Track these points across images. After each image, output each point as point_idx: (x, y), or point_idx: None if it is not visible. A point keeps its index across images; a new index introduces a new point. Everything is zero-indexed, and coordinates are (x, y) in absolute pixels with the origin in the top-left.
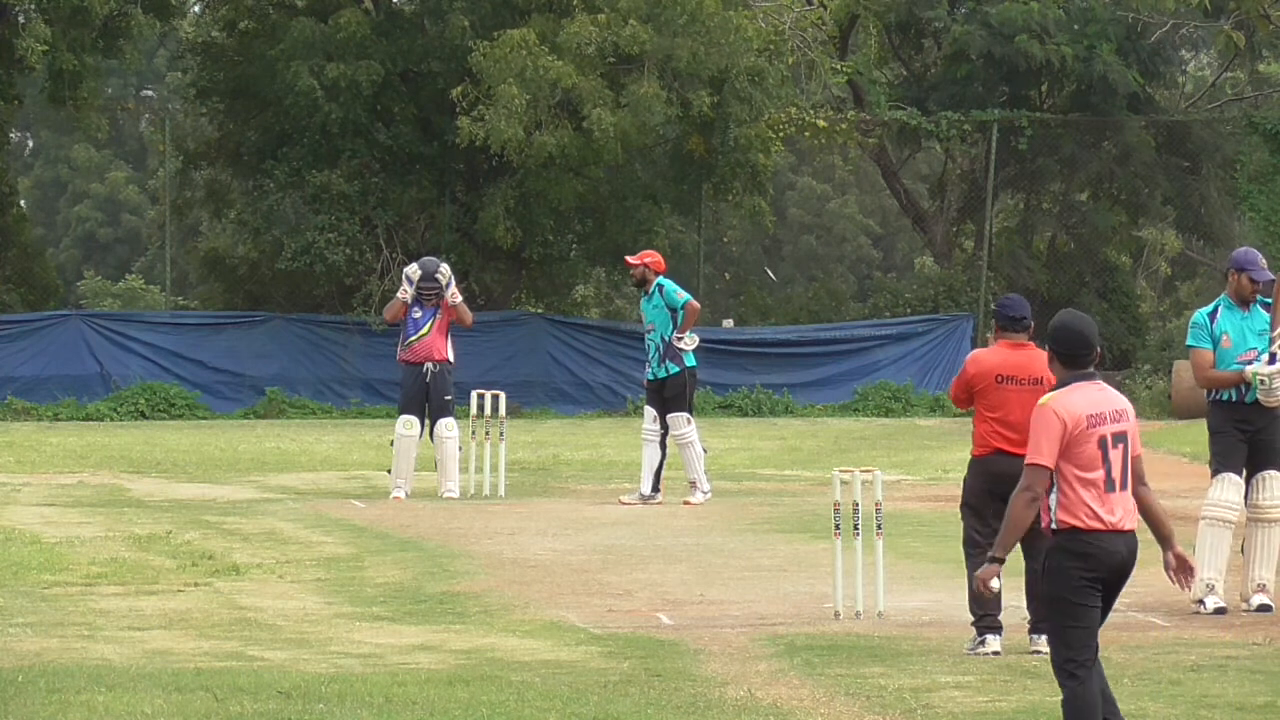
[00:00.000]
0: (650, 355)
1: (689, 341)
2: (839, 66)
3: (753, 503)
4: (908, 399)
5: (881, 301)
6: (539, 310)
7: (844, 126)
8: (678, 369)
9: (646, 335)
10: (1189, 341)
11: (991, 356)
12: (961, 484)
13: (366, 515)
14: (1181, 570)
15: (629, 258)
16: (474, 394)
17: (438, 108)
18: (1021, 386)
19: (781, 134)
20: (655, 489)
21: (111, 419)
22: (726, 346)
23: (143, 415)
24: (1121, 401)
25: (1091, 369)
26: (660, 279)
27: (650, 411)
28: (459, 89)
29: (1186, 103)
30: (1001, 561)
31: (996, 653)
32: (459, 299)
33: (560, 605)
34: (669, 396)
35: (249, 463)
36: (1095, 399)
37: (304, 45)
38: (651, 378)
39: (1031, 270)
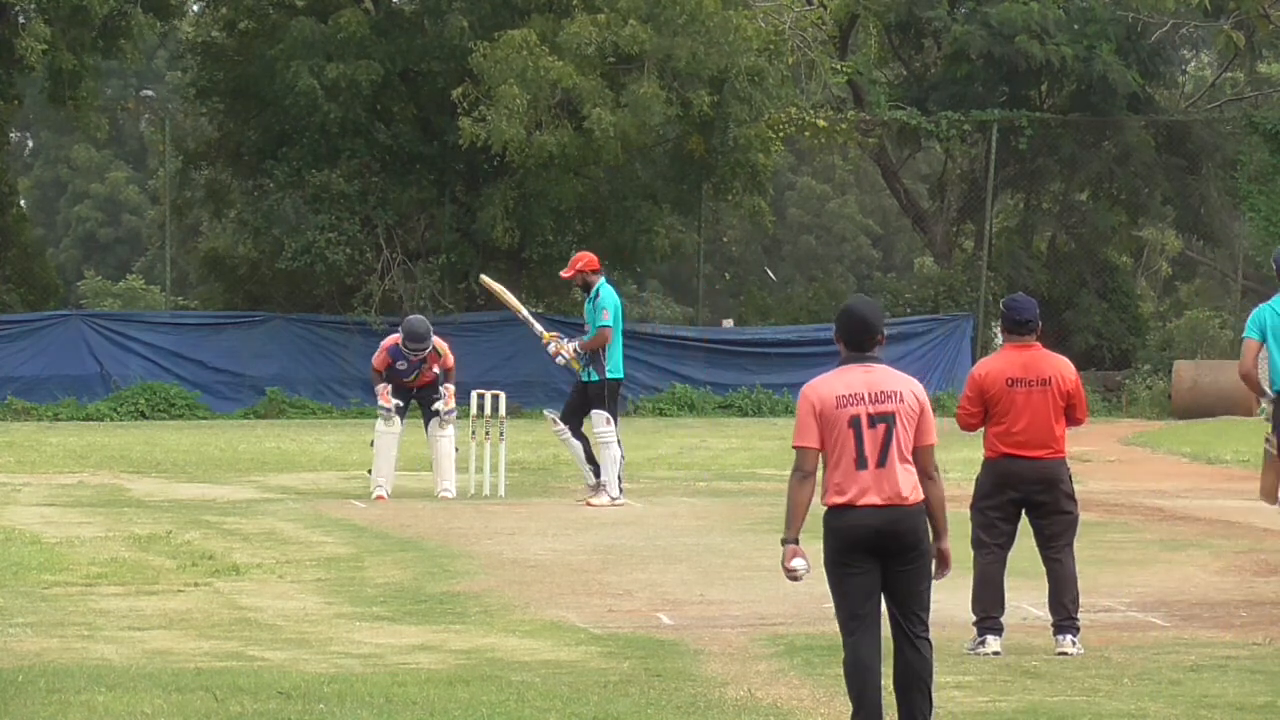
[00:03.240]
0: (581, 357)
1: (565, 355)
2: (839, 66)
3: (753, 503)
4: None
5: (881, 301)
6: (539, 310)
7: (844, 126)
8: (598, 377)
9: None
10: (1245, 334)
11: (996, 362)
12: (972, 484)
13: (366, 515)
14: (941, 565)
15: (564, 273)
16: (474, 394)
17: (438, 108)
18: (1030, 388)
19: (781, 134)
20: (600, 487)
21: (111, 419)
22: (726, 346)
23: (143, 415)
24: (895, 385)
25: (872, 352)
26: (602, 282)
27: (598, 414)
28: (460, 89)
29: (1186, 103)
30: (793, 542)
31: (997, 653)
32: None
33: (560, 605)
34: (590, 400)
35: (249, 463)
36: (852, 380)
37: (304, 45)
38: (585, 378)
39: (1031, 270)
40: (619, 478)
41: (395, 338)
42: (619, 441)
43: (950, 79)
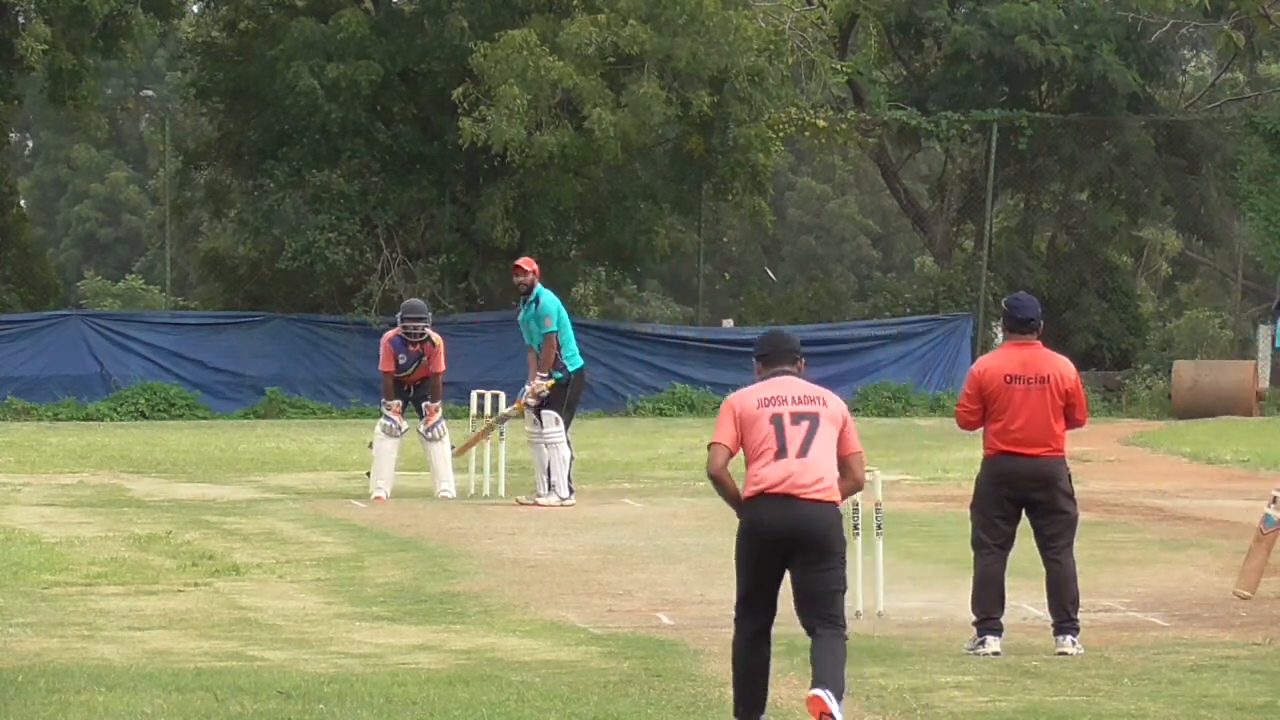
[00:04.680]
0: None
1: (538, 392)
2: (839, 66)
3: None
4: (907, 399)
5: (881, 301)
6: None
7: (844, 126)
8: (561, 375)
9: (534, 344)
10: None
11: (995, 359)
12: (970, 484)
13: (366, 515)
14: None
15: (524, 272)
16: (474, 394)
17: (438, 108)
18: (1029, 385)
19: (781, 134)
20: (550, 488)
21: (111, 419)
22: (726, 346)
23: (143, 415)
24: (817, 392)
25: (788, 368)
26: (540, 288)
27: (529, 414)
28: (460, 89)
29: (1186, 103)
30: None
31: (996, 653)
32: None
33: (560, 605)
34: (552, 396)
35: (249, 463)
36: (776, 385)
37: (304, 45)
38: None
39: (1031, 270)
40: (569, 478)
41: (393, 332)
42: (569, 442)
43: (950, 79)
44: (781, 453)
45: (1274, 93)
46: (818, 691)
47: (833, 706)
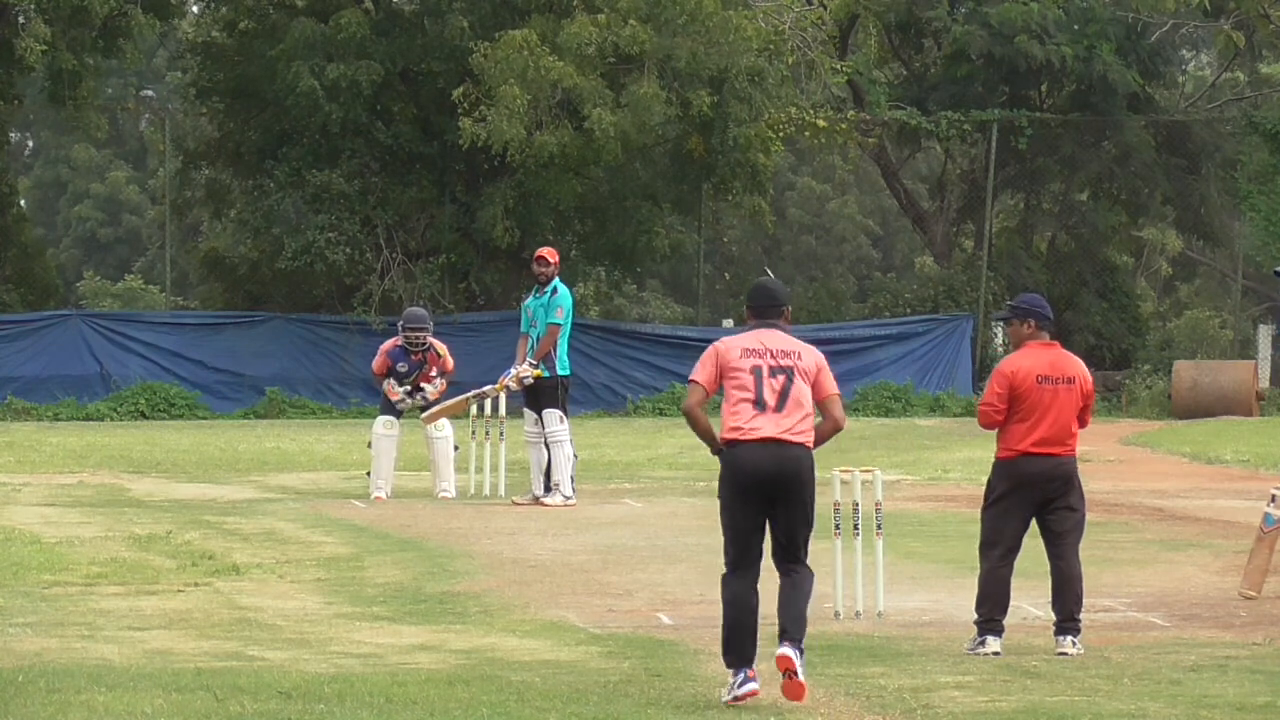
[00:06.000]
0: (537, 364)
1: (521, 377)
2: (839, 66)
3: None
4: (908, 399)
5: (881, 301)
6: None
7: (844, 126)
8: (549, 373)
9: (532, 332)
10: None
11: (1025, 359)
12: (972, 484)
13: (366, 515)
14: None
15: (546, 263)
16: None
17: (438, 108)
18: (1058, 386)
19: (781, 134)
20: (548, 489)
21: (111, 419)
22: None
23: (143, 415)
24: (794, 346)
25: (777, 321)
26: (558, 280)
27: (529, 414)
28: (460, 90)
29: (1186, 103)
30: (719, 453)
31: (997, 653)
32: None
33: (560, 605)
34: (542, 398)
35: (249, 463)
36: (760, 337)
37: (304, 45)
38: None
39: (1031, 270)
40: (571, 477)
41: (393, 341)
42: (571, 440)
43: (950, 79)
44: (759, 403)
45: (1274, 93)
46: (785, 650)
47: (797, 662)
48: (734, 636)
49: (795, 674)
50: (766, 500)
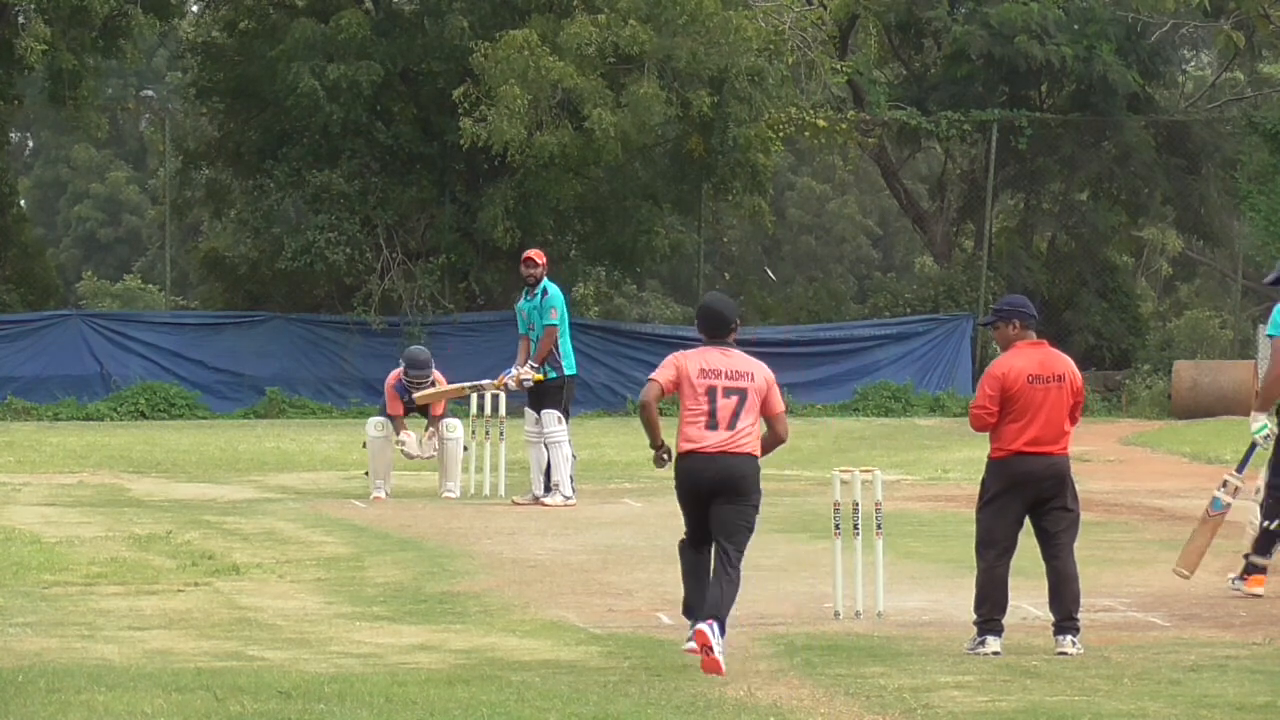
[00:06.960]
0: (539, 368)
1: (522, 378)
2: (839, 66)
3: None
4: (907, 399)
5: (881, 301)
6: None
7: (844, 126)
8: (555, 374)
9: (530, 334)
10: (1269, 330)
11: (1015, 360)
12: (971, 483)
13: (366, 515)
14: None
15: (536, 255)
16: (473, 394)
17: (438, 108)
18: (1048, 385)
19: (781, 134)
20: (548, 489)
21: (111, 419)
22: None
23: (143, 415)
24: (750, 368)
25: (727, 339)
26: (548, 281)
27: (530, 414)
28: (460, 90)
29: (1186, 103)
30: (658, 447)
31: (996, 653)
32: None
33: (560, 605)
34: (545, 398)
35: (249, 463)
36: (715, 359)
37: (304, 45)
38: (547, 377)
39: (1031, 270)
40: (571, 477)
41: (395, 376)
42: (570, 440)
43: (950, 79)
44: (712, 422)
45: (1274, 93)
46: (702, 626)
47: (713, 639)
48: (691, 590)
49: (711, 650)
50: (710, 498)
